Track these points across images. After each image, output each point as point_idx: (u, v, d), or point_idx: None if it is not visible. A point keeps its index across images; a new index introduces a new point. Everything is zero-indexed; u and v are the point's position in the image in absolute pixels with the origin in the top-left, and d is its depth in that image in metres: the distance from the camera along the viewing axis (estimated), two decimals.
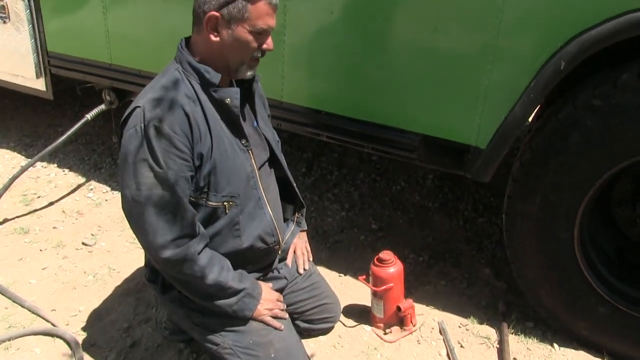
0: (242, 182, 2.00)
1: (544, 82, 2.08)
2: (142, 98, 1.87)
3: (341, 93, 2.60)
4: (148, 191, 1.80)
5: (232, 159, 1.95)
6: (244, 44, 1.87)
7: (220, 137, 1.92)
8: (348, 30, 2.47)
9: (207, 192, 1.94)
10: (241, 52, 1.90)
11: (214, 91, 1.91)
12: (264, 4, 1.83)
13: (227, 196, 1.96)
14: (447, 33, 2.26)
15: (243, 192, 2.01)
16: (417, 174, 3.96)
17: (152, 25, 3.08)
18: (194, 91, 1.90)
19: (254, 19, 1.83)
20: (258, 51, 1.92)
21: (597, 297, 2.28)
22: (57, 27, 3.53)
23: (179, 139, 1.80)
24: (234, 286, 1.97)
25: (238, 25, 1.84)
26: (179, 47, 1.97)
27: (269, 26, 1.88)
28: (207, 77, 1.90)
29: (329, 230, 3.34)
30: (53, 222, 3.39)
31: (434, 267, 3.02)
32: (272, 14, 1.88)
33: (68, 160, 4.17)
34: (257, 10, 1.83)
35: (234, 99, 1.93)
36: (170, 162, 1.80)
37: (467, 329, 2.55)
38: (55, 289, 2.80)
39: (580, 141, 2.09)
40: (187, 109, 1.84)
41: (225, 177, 1.94)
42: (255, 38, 1.88)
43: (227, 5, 1.81)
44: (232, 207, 1.98)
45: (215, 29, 1.86)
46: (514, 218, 2.33)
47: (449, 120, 2.37)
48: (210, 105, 1.92)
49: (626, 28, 1.89)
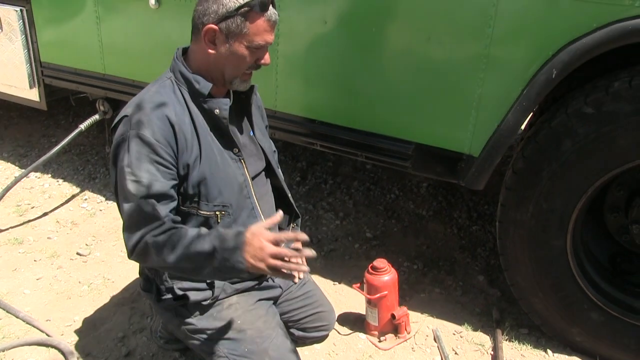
0: (234, 191, 2.01)
1: (536, 90, 2.10)
2: (130, 106, 1.90)
3: (335, 102, 2.62)
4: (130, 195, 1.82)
5: (223, 169, 1.96)
6: (240, 58, 1.88)
7: (210, 147, 1.94)
8: (341, 40, 2.49)
9: (198, 202, 1.95)
10: (236, 66, 1.91)
11: (204, 102, 1.92)
12: (263, 20, 1.84)
13: (219, 205, 1.97)
14: (440, 42, 2.28)
15: (236, 201, 2.01)
16: (412, 182, 3.97)
17: (146, 35, 3.09)
18: (184, 100, 1.92)
19: (251, 35, 1.85)
20: (253, 65, 1.93)
21: (590, 304, 2.30)
22: (50, 37, 3.54)
23: (162, 148, 1.82)
24: (202, 250, 1.77)
25: (236, 40, 1.85)
26: (174, 56, 1.99)
27: (266, 42, 1.89)
28: (197, 87, 1.91)
29: (323, 239, 3.34)
30: (47, 233, 3.38)
31: (429, 275, 3.03)
32: (270, 30, 1.89)
33: (62, 170, 4.16)
34: (256, 26, 1.84)
35: (222, 110, 1.94)
36: (152, 169, 1.81)
37: (462, 336, 2.56)
38: (49, 299, 2.80)
39: (573, 149, 2.10)
40: (173, 118, 1.85)
41: (215, 186, 1.95)
42: (252, 53, 1.89)
43: (226, 19, 1.82)
44: (224, 217, 1.99)
45: (212, 42, 1.87)
46: (507, 226, 2.34)
47: (442, 128, 2.39)
48: (200, 115, 1.94)
49: (616, 37, 1.92)
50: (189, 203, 1.95)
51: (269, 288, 2.23)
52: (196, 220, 1.97)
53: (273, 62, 2.62)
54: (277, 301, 2.30)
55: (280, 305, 2.32)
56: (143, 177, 1.80)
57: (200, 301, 2.04)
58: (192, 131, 1.90)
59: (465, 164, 2.36)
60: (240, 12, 1.81)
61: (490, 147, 2.25)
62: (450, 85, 2.30)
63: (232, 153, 2.02)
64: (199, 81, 1.91)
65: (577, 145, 2.09)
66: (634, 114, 1.97)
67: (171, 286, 2.04)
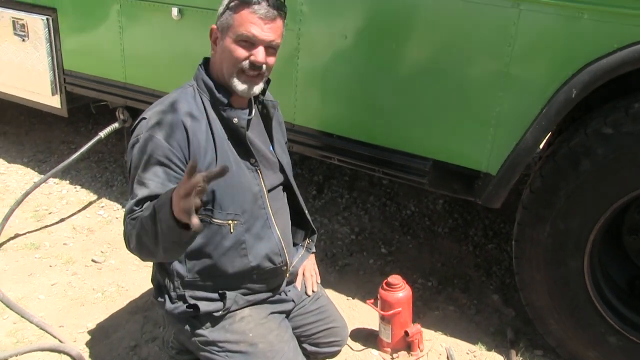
0: (248, 201, 2.01)
1: (556, 110, 2.09)
2: (150, 110, 1.94)
3: (353, 117, 2.62)
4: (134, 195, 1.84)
5: (238, 178, 1.97)
6: (228, 52, 1.89)
7: (226, 154, 1.95)
8: (361, 55, 2.50)
9: (211, 210, 1.96)
10: (228, 63, 1.91)
11: (223, 110, 1.95)
12: (248, 12, 1.85)
13: (232, 214, 1.98)
14: (460, 60, 2.28)
15: (250, 211, 2.02)
16: (428, 198, 3.96)
17: (167, 45, 3.12)
18: (204, 107, 1.95)
19: (236, 27, 1.86)
20: (246, 62, 1.90)
21: (607, 327, 2.27)
22: (74, 45, 3.59)
23: (173, 152, 1.84)
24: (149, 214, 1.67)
25: (226, 34, 1.88)
26: (198, 64, 2.03)
27: (253, 35, 1.86)
28: (217, 96, 1.94)
29: (338, 254, 3.33)
30: (63, 239, 3.41)
31: (443, 293, 3.01)
32: (258, 24, 1.86)
33: (80, 177, 4.20)
34: (240, 17, 1.85)
35: (241, 119, 1.96)
36: (160, 171, 1.83)
37: (475, 356, 2.53)
38: (63, 305, 2.81)
39: (591, 169, 2.09)
40: (188, 124, 1.88)
41: (229, 194, 1.96)
42: (241, 47, 1.88)
43: (221, 16, 1.89)
44: (237, 226, 2.00)
45: (214, 42, 1.93)
46: (524, 245, 2.32)
47: (460, 146, 2.38)
48: (219, 123, 1.96)
49: (637, 58, 1.91)
50: (203, 211, 1.95)
51: (282, 302, 2.23)
52: (210, 229, 1.97)
53: (293, 75, 2.65)
54: (289, 315, 2.29)
55: (293, 320, 2.31)
56: (148, 180, 1.82)
57: (212, 312, 2.04)
58: (209, 138, 1.92)
59: (483, 182, 2.35)
60: (230, 6, 1.86)
61: (508, 166, 2.25)
62: (469, 102, 2.30)
63: (249, 163, 2.03)
64: (219, 90, 1.94)
65: (596, 165, 2.08)
66: None
67: (182, 294, 2.05)
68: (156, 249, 1.70)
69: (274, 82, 2.09)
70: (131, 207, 1.83)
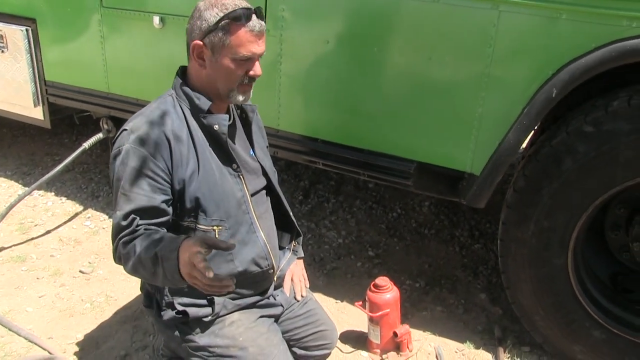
0: (232, 207, 2.01)
1: (537, 109, 2.12)
2: (130, 121, 1.93)
3: (337, 121, 2.64)
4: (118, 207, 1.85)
5: (221, 184, 1.98)
6: (227, 72, 1.89)
7: (208, 162, 1.95)
8: (343, 60, 2.52)
9: (196, 216, 1.96)
10: (227, 80, 1.92)
11: (203, 117, 1.95)
12: (245, 32, 1.85)
13: (217, 220, 1.98)
14: (441, 62, 2.31)
15: (234, 216, 2.02)
16: (414, 201, 3.99)
17: (150, 54, 3.12)
18: (184, 116, 1.94)
19: (235, 47, 1.85)
20: (245, 77, 1.92)
21: (592, 322, 2.30)
22: (55, 56, 3.57)
23: (155, 163, 1.84)
24: (149, 255, 1.74)
25: (220, 53, 1.87)
26: (176, 73, 2.02)
27: (253, 53, 1.88)
28: (197, 104, 1.93)
29: (325, 258, 3.35)
30: (50, 251, 3.39)
31: (430, 293, 3.03)
32: (255, 41, 1.88)
33: (65, 188, 4.18)
34: (238, 38, 1.85)
35: (222, 125, 1.95)
36: (143, 183, 1.83)
37: (464, 354, 2.56)
38: (52, 317, 2.80)
39: (573, 167, 2.12)
40: (169, 134, 1.87)
41: (213, 201, 1.96)
42: (240, 65, 1.89)
43: (209, 34, 1.84)
44: (222, 232, 2.00)
45: (201, 57, 1.90)
46: (509, 244, 2.35)
47: (443, 147, 2.41)
48: (200, 131, 1.96)
49: (614, 57, 1.95)
50: (188, 218, 1.96)
51: (271, 306, 2.23)
52: (195, 235, 1.98)
53: (276, 81, 2.66)
54: (278, 319, 2.29)
55: (282, 324, 2.31)
56: (133, 193, 1.83)
57: (201, 317, 2.04)
58: (190, 146, 1.92)
59: (467, 182, 2.38)
60: (221, 26, 1.83)
61: (492, 166, 2.27)
62: (451, 104, 2.33)
63: (231, 169, 2.03)
64: (199, 97, 1.93)
65: (578, 163, 2.11)
66: (633, 132, 2.00)
67: (171, 301, 2.04)
68: (154, 280, 1.83)
69: (258, 88, 2.10)
70: (119, 222, 1.83)
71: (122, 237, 1.84)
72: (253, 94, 2.11)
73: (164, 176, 1.87)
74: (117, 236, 1.85)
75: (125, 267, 1.87)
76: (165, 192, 1.88)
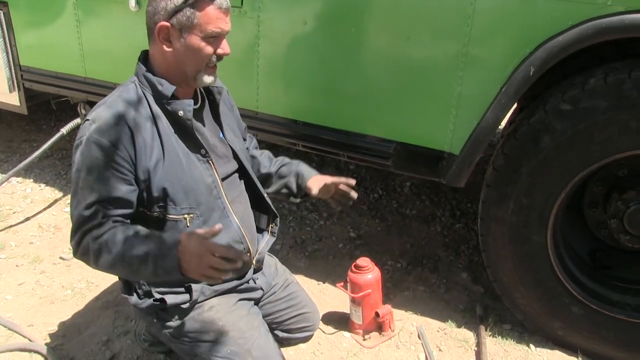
0: (203, 193, 1.99)
1: (515, 88, 2.12)
2: (93, 111, 1.89)
3: (316, 103, 2.63)
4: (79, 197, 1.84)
5: (189, 172, 1.94)
6: (197, 51, 1.86)
7: (174, 149, 1.92)
8: (321, 41, 2.50)
9: (165, 206, 1.93)
10: (196, 60, 1.88)
11: (167, 104, 1.90)
12: (213, 8, 1.83)
13: (187, 208, 1.95)
14: (419, 42, 2.30)
15: (205, 203, 1.99)
16: (395, 182, 3.99)
17: (126, 38, 3.07)
18: (147, 103, 1.90)
19: (204, 24, 1.83)
20: (214, 56, 1.90)
21: (571, 298, 2.33)
22: (29, 40, 3.51)
23: (117, 153, 1.81)
24: (136, 254, 1.79)
25: (189, 33, 1.83)
26: (138, 59, 1.98)
27: (221, 29, 1.86)
28: (160, 90, 1.89)
29: (307, 240, 3.35)
30: (30, 238, 3.36)
31: (412, 273, 3.04)
32: (223, 18, 1.86)
33: (44, 175, 4.14)
34: (207, 15, 1.82)
35: (186, 111, 1.91)
36: (106, 174, 1.81)
37: (446, 333, 2.58)
38: (32, 304, 2.78)
39: (551, 145, 2.13)
40: (131, 123, 1.84)
41: (182, 190, 1.93)
42: (209, 43, 1.86)
43: (176, 13, 1.81)
44: (193, 220, 1.97)
45: (167, 39, 1.86)
46: (489, 223, 2.36)
47: (422, 127, 2.40)
48: (164, 117, 1.92)
49: (590, 34, 1.95)
50: (157, 208, 1.93)
51: (250, 290, 2.23)
52: (167, 225, 1.96)
53: (254, 63, 2.64)
54: (258, 303, 2.30)
55: (264, 307, 2.32)
56: (95, 183, 1.81)
57: (179, 304, 2.03)
58: (154, 134, 1.88)
59: (446, 162, 2.38)
60: (189, 3, 1.80)
61: (470, 145, 2.28)
62: (429, 84, 2.32)
63: (200, 155, 1.99)
64: (162, 83, 1.89)
65: (556, 141, 2.12)
66: (610, 109, 2.01)
67: (149, 289, 2.03)
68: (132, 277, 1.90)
69: (235, 71, 2.08)
70: (81, 213, 1.81)
71: (88, 229, 1.82)
72: (232, 76, 2.09)
73: (127, 166, 1.84)
74: (81, 228, 1.82)
75: (92, 263, 1.85)
76: (128, 182, 1.85)
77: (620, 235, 2.33)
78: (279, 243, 3.25)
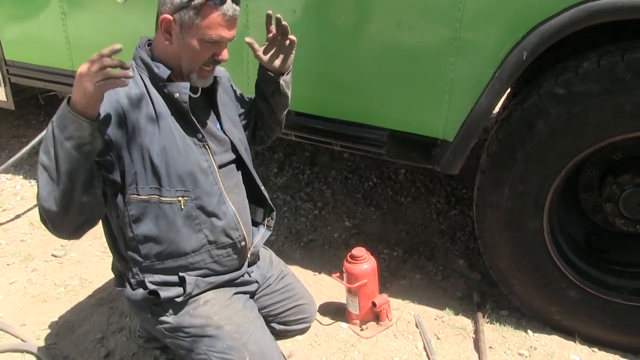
0: (198, 177, 1.97)
1: (508, 72, 2.10)
2: None
3: (308, 92, 2.59)
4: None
5: (185, 155, 1.93)
6: (193, 52, 1.85)
7: (170, 131, 1.91)
8: (311, 29, 2.47)
9: (159, 188, 1.91)
10: (191, 60, 1.88)
11: (163, 86, 1.90)
12: (217, 15, 1.80)
13: (181, 190, 1.94)
14: (411, 28, 2.27)
15: (201, 187, 1.98)
16: (389, 169, 3.97)
17: (113, 29, 3.03)
18: (145, 86, 1.89)
19: (204, 28, 1.81)
20: (211, 60, 1.90)
21: (567, 282, 2.32)
22: (14, 34, 3.46)
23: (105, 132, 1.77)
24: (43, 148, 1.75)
25: (189, 32, 1.82)
26: (137, 44, 1.97)
27: (221, 37, 1.85)
28: (156, 72, 1.89)
29: (302, 230, 3.33)
30: (20, 235, 3.32)
31: (409, 261, 3.03)
32: (226, 26, 1.84)
33: (34, 171, 4.09)
34: (209, 20, 1.80)
35: (182, 93, 1.90)
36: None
37: (443, 321, 2.57)
38: (24, 303, 2.74)
39: (546, 130, 2.11)
40: (124, 103, 1.82)
41: (175, 171, 1.92)
42: (206, 47, 1.85)
43: (180, 10, 1.79)
44: (188, 202, 1.96)
45: (168, 32, 1.85)
46: (484, 209, 2.35)
47: (415, 114, 2.38)
48: (162, 100, 1.91)
49: (582, 18, 1.93)
50: (150, 190, 1.91)
51: (245, 283, 2.21)
52: (160, 208, 1.93)
53: (244, 52, 2.61)
54: (254, 295, 2.28)
55: (260, 300, 2.30)
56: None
57: (173, 298, 2.01)
58: (150, 116, 1.87)
59: (440, 149, 2.36)
60: (193, 4, 1.78)
61: (464, 131, 2.25)
62: (422, 70, 2.29)
63: (196, 139, 1.98)
64: (158, 66, 1.89)
65: (550, 126, 2.10)
66: (603, 93, 1.99)
67: (142, 279, 2.01)
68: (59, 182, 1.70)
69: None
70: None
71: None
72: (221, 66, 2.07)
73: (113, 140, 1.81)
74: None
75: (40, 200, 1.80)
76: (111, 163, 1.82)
77: (615, 219, 2.32)
78: (273, 234, 3.22)
